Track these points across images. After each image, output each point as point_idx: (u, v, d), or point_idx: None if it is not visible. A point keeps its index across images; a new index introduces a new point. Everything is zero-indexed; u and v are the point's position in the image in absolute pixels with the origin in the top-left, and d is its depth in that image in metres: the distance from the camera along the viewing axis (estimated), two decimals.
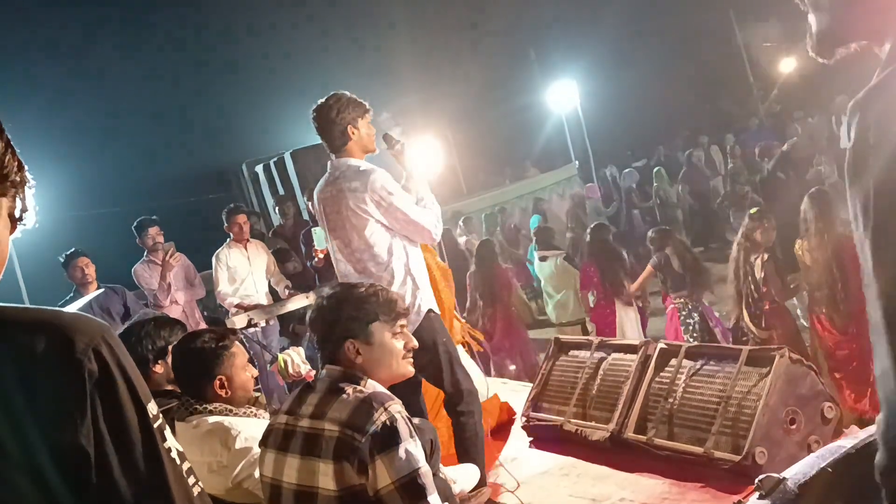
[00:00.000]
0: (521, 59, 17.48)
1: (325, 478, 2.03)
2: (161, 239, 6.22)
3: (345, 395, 2.15)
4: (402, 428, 2.07)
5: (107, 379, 0.90)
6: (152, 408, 0.94)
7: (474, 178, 14.63)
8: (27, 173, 0.97)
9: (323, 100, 3.62)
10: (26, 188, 0.97)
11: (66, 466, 0.85)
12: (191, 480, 0.95)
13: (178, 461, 0.94)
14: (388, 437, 2.04)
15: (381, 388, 2.25)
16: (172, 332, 3.26)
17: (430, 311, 3.66)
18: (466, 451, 3.77)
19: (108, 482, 0.87)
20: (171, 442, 0.95)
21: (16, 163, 0.95)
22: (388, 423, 2.06)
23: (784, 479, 1.59)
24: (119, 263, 6.56)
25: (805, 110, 16.21)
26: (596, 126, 16.77)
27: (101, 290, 5.59)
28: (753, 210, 5.99)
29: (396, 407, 2.12)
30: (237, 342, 2.89)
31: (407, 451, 2.04)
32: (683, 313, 6.39)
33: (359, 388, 2.19)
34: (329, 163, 3.67)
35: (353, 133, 3.58)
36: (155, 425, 0.93)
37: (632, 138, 19.04)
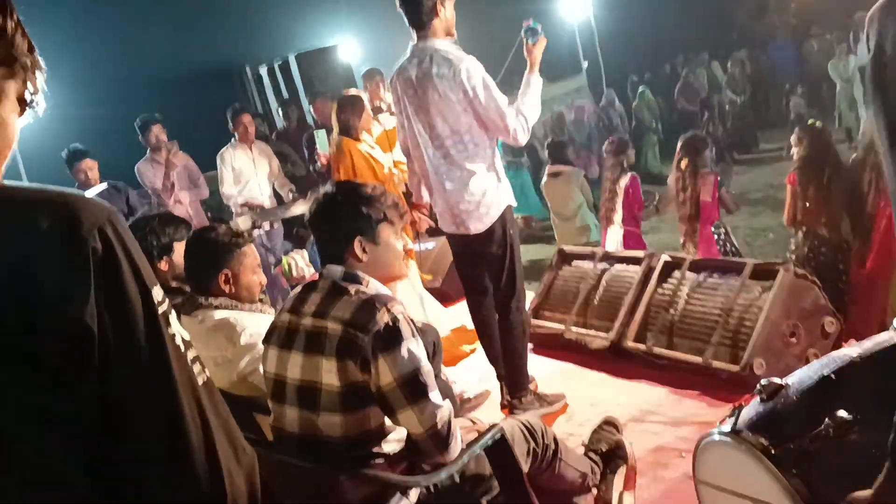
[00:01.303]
0: None
1: (329, 374, 2.06)
2: (164, 137, 6.13)
3: (347, 295, 2.15)
4: (405, 328, 2.08)
5: (111, 260, 0.88)
6: (157, 293, 0.92)
7: None
8: (39, 58, 0.94)
9: None
10: (37, 73, 0.94)
11: (69, 345, 0.84)
12: (196, 368, 0.94)
13: (182, 348, 0.92)
14: (391, 337, 2.05)
15: (383, 289, 2.25)
16: (177, 229, 3.25)
17: (508, 205, 3.65)
18: (512, 348, 3.77)
19: (110, 364, 0.86)
20: (177, 328, 0.94)
21: (26, 44, 0.92)
22: (390, 322, 2.06)
23: (786, 384, 1.59)
24: (122, 161, 6.51)
25: (822, 26, 15.74)
26: (608, 38, 16.34)
27: (104, 187, 5.55)
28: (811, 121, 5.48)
29: (399, 307, 2.12)
30: (251, 245, 2.88)
31: (409, 350, 2.06)
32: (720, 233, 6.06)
33: (361, 288, 2.19)
34: (411, 45, 3.56)
35: (440, 10, 3.45)
36: (160, 310, 0.91)
37: (644, 51, 18.58)
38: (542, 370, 4.31)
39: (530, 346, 4.76)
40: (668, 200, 5.95)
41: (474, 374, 4.13)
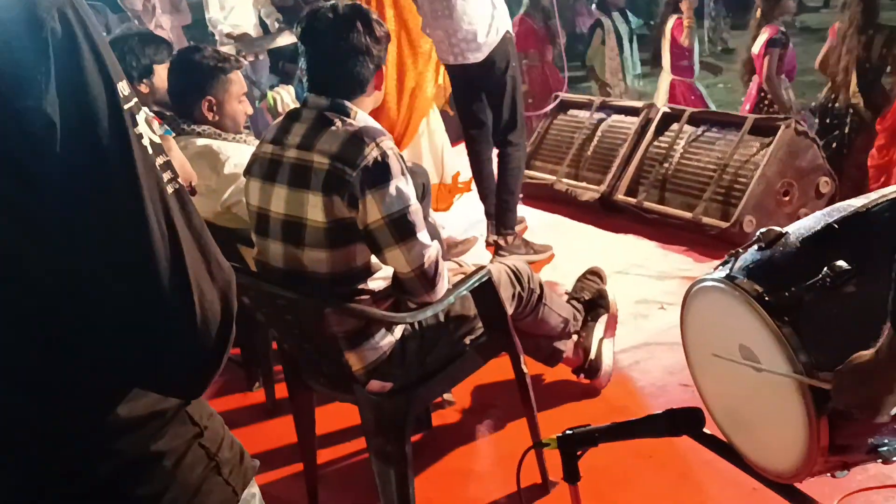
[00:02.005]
0: None
1: (314, 209, 1.99)
2: None
3: (334, 128, 2.02)
4: (394, 164, 1.99)
5: (71, 44, 0.78)
6: (123, 87, 0.83)
7: None
8: None
9: None
10: None
11: (31, 138, 0.76)
12: (165, 176, 0.85)
13: (150, 150, 0.84)
14: (380, 173, 1.96)
15: (371, 122, 2.13)
16: (158, 49, 3.08)
17: (507, 32, 3.56)
18: (506, 182, 3.78)
19: (73, 156, 0.78)
20: (145, 129, 0.85)
21: None
22: (379, 158, 1.96)
23: (786, 233, 1.55)
24: None
25: None
26: None
27: None
28: None
29: (388, 143, 2.01)
30: (238, 72, 2.73)
31: (398, 188, 1.98)
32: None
33: (349, 120, 2.06)
34: None
35: None
36: (125, 106, 0.82)
37: None
38: (530, 221, 4.29)
39: (520, 196, 4.74)
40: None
41: (463, 219, 4.09)
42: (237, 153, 2.61)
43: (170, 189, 0.85)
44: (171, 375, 0.86)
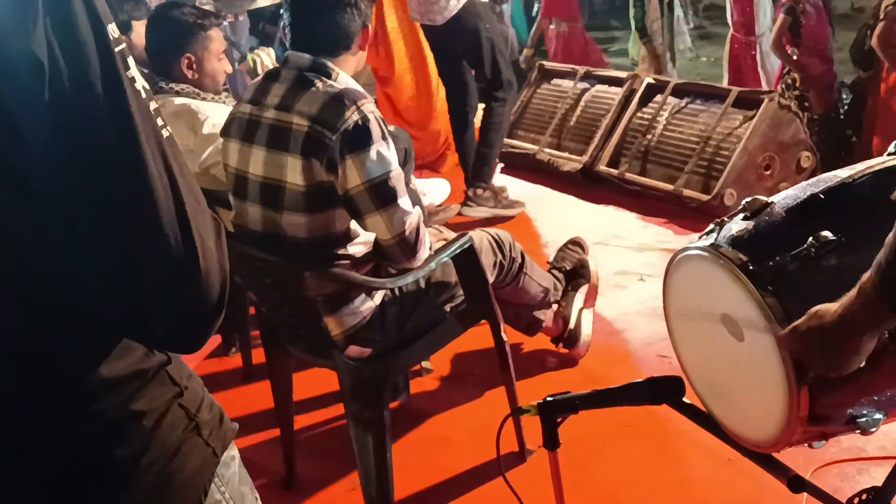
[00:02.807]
0: None
1: (293, 172, 1.95)
2: None
3: (314, 88, 1.97)
4: (375, 128, 1.94)
5: None
6: (112, 29, 0.79)
7: None
8: None
9: None
10: None
11: (19, 81, 0.72)
12: (159, 121, 0.82)
13: (143, 94, 0.80)
14: (360, 137, 1.92)
15: (353, 83, 2.08)
16: (136, 6, 3.04)
17: None
18: (485, 134, 3.82)
19: (63, 101, 0.74)
20: (137, 74, 0.81)
21: None
22: (360, 122, 1.92)
23: (772, 202, 1.54)
24: None
25: None
26: None
27: None
28: None
29: (370, 106, 1.97)
30: (218, 29, 2.67)
31: (379, 153, 1.94)
32: None
33: (329, 81, 2.01)
34: None
35: None
36: (116, 49, 0.78)
37: None
38: (511, 191, 4.27)
39: (501, 165, 4.71)
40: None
41: (444, 187, 4.06)
42: (216, 113, 2.56)
43: (165, 134, 0.82)
44: (175, 327, 0.83)
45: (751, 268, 1.43)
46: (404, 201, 1.99)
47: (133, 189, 0.77)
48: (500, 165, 4.70)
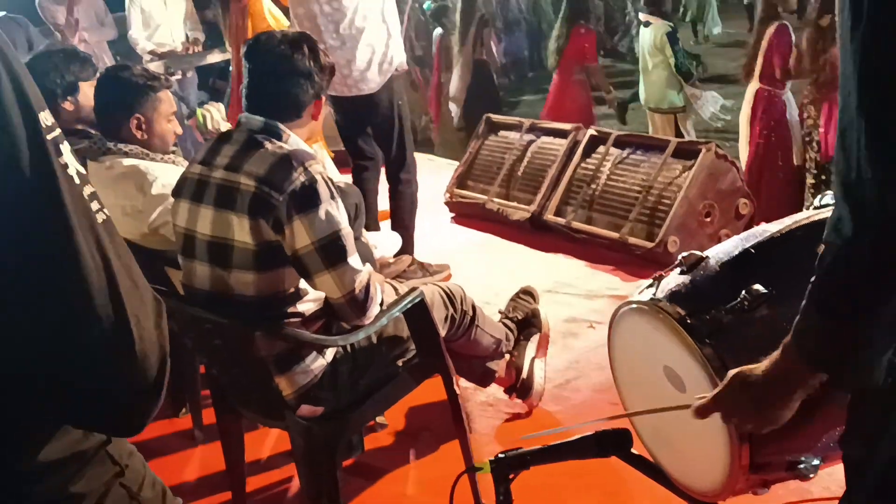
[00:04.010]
0: None
1: (241, 231, 1.96)
2: None
3: (263, 150, 2.01)
4: (322, 189, 1.97)
5: None
6: (45, 117, 0.81)
7: None
8: None
9: None
10: None
11: None
12: (94, 206, 0.83)
13: (76, 180, 0.82)
14: (308, 198, 1.94)
15: (303, 145, 2.12)
16: (83, 67, 3.03)
17: (397, 67, 3.62)
18: (400, 218, 3.84)
19: None
20: (70, 160, 0.83)
21: None
22: (307, 182, 1.94)
23: (707, 256, 1.61)
24: None
25: None
26: None
27: (2, 14, 5.07)
28: None
29: (317, 167, 2.00)
30: (167, 90, 2.69)
31: (327, 212, 1.96)
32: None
33: (278, 143, 2.05)
34: None
35: None
36: (48, 137, 0.80)
37: None
38: (462, 240, 4.33)
39: (451, 215, 4.78)
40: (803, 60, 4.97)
41: (395, 239, 4.09)
42: (165, 173, 2.56)
43: (99, 218, 0.83)
44: (110, 410, 0.83)
45: (689, 321, 1.50)
46: (354, 259, 2.02)
47: (66, 276, 0.78)
48: (451, 216, 4.79)
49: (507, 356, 2.75)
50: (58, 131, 0.84)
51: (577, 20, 6.38)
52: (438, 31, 7.85)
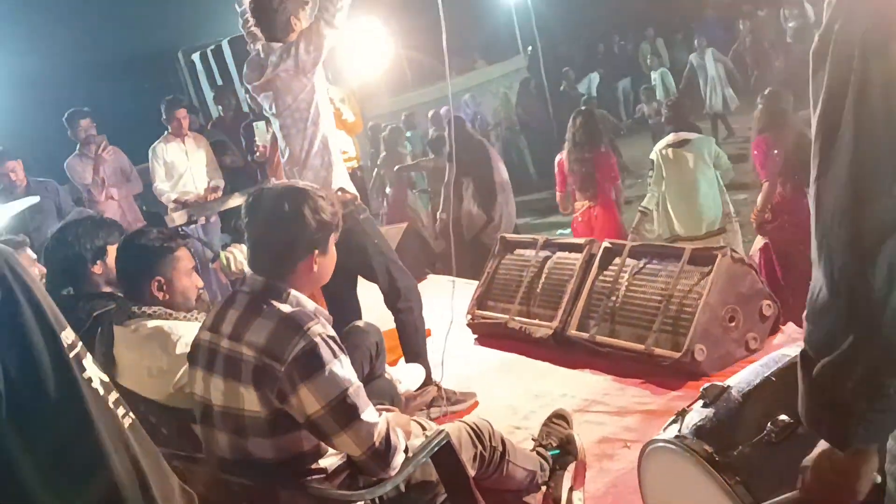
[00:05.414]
0: None
1: (250, 402, 1.97)
2: (94, 131, 5.94)
3: (264, 315, 2.01)
4: (325, 351, 1.95)
5: (12, 305, 0.81)
6: (67, 336, 0.85)
7: (419, 70, 14.29)
8: None
9: None
10: None
11: None
12: (120, 412, 0.87)
13: (101, 391, 0.86)
14: (311, 363, 1.93)
15: (305, 303, 2.11)
16: (110, 232, 3.17)
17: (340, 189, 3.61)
18: (409, 347, 3.81)
19: (24, 419, 0.79)
20: (93, 371, 0.87)
21: None
22: (307, 348, 1.93)
23: (728, 387, 1.60)
24: (48, 152, 6.27)
25: (754, 3, 16.03)
26: (545, 18, 16.38)
27: (35, 201, 5.29)
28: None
29: (317, 328, 1.98)
30: (185, 248, 2.78)
31: (332, 373, 1.94)
32: None
33: (278, 304, 2.05)
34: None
35: (295, 24, 3.49)
36: (71, 354, 0.84)
37: (582, 31, 18.71)
38: (485, 362, 4.31)
39: (474, 337, 4.78)
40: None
41: (418, 371, 4.09)
42: (189, 331, 2.61)
43: (126, 422, 0.86)
44: None
45: (717, 459, 1.48)
46: (368, 413, 2.00)
47: (97, 483, 0.81)
48: (474, 337, 4.79)
49: (544, 488, 2.70)
50: (80, 346, 0.88)
51: (598, 143, 6.18)
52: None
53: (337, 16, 3.35)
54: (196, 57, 11.90)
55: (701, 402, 1.62)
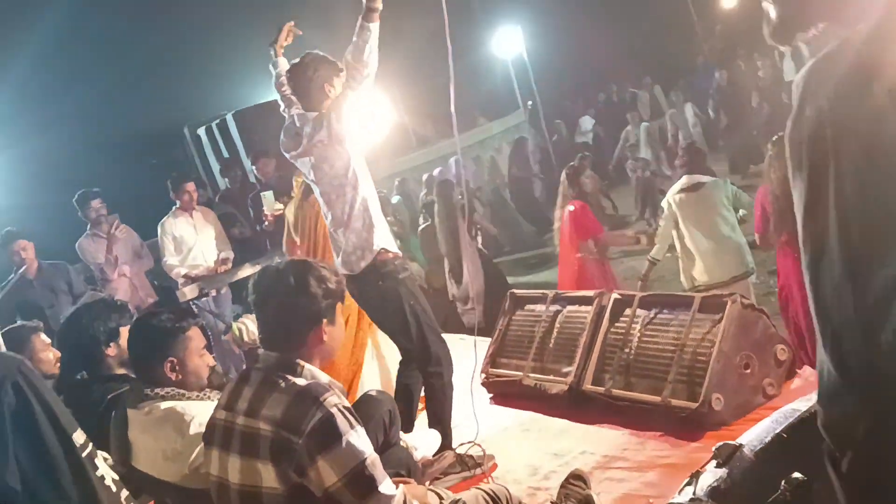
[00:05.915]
0: (464, 7, 17.21)
1: (268, 478, 1.98)
2: (104, 211, 6.06)
3: (279, 389, 2.04)
4: (341, 422, 1.97)
5: (26, 411, 0.83)
6: (78, 437, 0.88)
7: (422, 131, 14.53)
8: None
9: (297, 60, 3.68)
10: None
11: None
12: None
13: (114, 488, 0.88)
14: (328, 434, 1.95)
15: (319, 376, 2.14)
16: (123, 314, 3.23)
17: (383, 249, 3.68)
18: (434, 412, 3.80)
19: None
20: (105, 470, 0.89)
21: None
22: (324, 419, 1.96)
23: (741, 445, 1.59)
24: (58, 229, 6.38)
25: (748, 47, 16.26)
26: (542, 71, 16.67)
27: (44, 271, 5.40)
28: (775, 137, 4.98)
29: (333, 399, 2.01)
30: (196, 327, 2.81)
31: (349, 444, 1.96)
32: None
33: (292, 380, 2.07)
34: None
35: (329, 90, 3.62)
36: (83, 454, 0.87)
37: (579, 82, 19.02)
38: (501, 422, 4.27)
39: (489, 396, 4.75)
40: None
41: (434, 436, 4.06)
42: (202, 411, 2.62)
43: None
44: None
45: None
46: (385, 486, 2.00)
47: None
48: (489, 396, 4.75)
49: None
50: (90, 447, 0.90)
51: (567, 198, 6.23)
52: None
53: (364, 83, 3.48)
54: (202, 131, 12.11)
55: (714, 463, 1.61)
